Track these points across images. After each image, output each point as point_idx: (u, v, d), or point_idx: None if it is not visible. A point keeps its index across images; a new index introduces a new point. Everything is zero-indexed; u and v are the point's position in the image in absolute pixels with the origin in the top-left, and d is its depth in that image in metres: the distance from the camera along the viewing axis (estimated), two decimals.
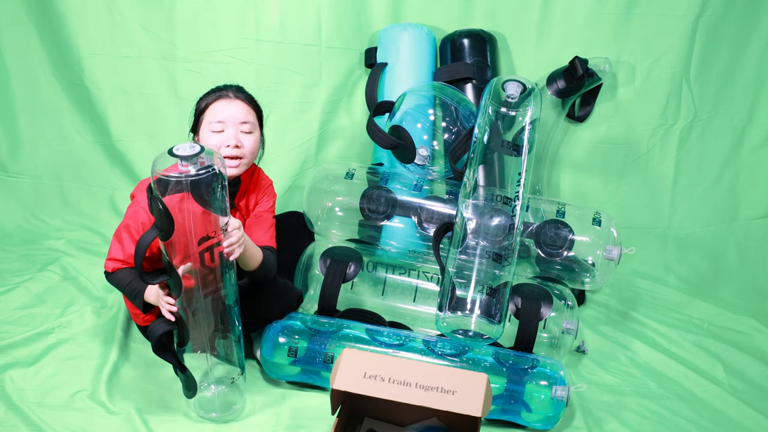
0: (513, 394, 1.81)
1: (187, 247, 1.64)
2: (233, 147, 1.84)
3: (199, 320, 1.72)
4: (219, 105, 1.85)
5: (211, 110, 1.85)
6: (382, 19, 2.53)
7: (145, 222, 1.82)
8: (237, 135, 1.85)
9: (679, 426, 1.90)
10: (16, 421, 1.75)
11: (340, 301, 2.08)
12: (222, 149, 1.83)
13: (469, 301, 1.83)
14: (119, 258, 1.85)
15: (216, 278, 1.69)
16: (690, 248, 2.68)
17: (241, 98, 1.88)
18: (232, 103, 1.86)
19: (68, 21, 2.54)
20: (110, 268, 1.87)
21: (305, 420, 1.83)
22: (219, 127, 1.84)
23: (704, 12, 2.50)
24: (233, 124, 1.84)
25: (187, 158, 1.52)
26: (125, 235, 1.85)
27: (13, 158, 2.75)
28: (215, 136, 1.84)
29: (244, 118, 1.86)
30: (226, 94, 1.87)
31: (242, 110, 1.86)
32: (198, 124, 1.88)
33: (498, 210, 1.90)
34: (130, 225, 1.84)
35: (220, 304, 1.73)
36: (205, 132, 1.85)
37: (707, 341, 2.27)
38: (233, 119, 1.85)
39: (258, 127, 1.91)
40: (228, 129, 1.84)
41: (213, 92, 1.89)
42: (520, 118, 1.93)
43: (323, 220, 2.18)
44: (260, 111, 1.94)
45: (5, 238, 2.63)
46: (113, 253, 1.86)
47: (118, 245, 1.86)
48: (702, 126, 2.63)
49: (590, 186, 2.68)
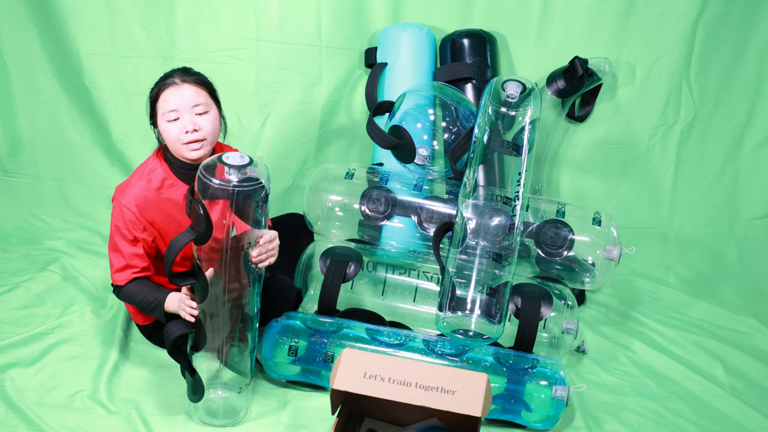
0: (513, 393, 1.81)
1: (211, 253, 1.66)
2: (192, 132, 1.82)
3: (217, 325, 1.73)
4: (168, 94, 1.82)
5: (162, 101, 1.82)
6: (382, 19, 2.53)
7: (133, 219, 1.83)
8: (193, 119, 1.83)
9: (679, 426, 1.90)
10: (16, 421, 1.75)
11: (340, 301, 2.08)
12: (182, 136, 1.82)
13: (469, 301, 1.83)
14: (122, 265, 1.85)
15: (241, 285, 1.71)
16: (690, 248, 2.68)
17: (189, 81, 1.84)
18: (181, 89, 1.82)
19: (68, 21, 2.54)
20: (122, 281, 1.86)
21: (305, 420, 1.83)
22: (173, 115, 1.82)
23: (704, 12, 2.49)
24: (186, 110, 1.82)
25: (236, 168, 1.56)
26: (119, 238, 1.85)
27: (13, 158, 2.75)
28: (172, 125, 1.82)
29: (195, 100, 1.83)
30: (173, 81, 1.83)
31: (192, 93, 1.83)
32: (154, 115, 1.87)
33: (498, 210, 1.90)
34: (120, 226, 1.85)
35: (241, 313, 1.74)
36: (162, 123, 1.84)
37: (707, 341, 2.27)
38: (185, 105, 1.82)
39: (213, 104, 1.88)
40: (183, 116, 1.82)
41: (160, 81, 1.86)
42: (520, 118, 1.93)
43: (323, 220, 2.18)
44: (212, 88, 1.90)
45: (5, 238, 2.63)
46: (116, 264, 1.86)
47: (117, 254, 1.86)
48: (702, 126, 2.63)
49: (590, 186, 2.68)
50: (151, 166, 1.89)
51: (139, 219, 1.84)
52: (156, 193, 1.86)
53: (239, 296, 1.72)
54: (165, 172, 1.88)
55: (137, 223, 1.84)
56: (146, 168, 1.89)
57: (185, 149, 1.83)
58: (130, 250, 1.85)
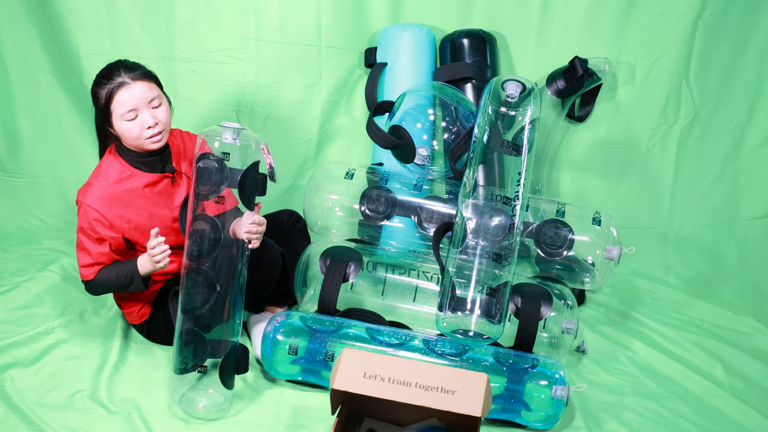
0: (513, 393, 1.81)
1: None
2: (153, 126, 1.85)
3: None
4: (122, 95, 1.82)
5: (118, 102, 1.82)
6: (382, 19, 2.53)
7: (98, 218, 1.85)
8: (151, 113, 1.85)
9: (679, 426, 1.90)
10: (16, 421, 1.75)
11: (340, 300, 2.08)
12: (143, 132, 1.85)
13: (469, 301, 1.83)
14: (89, 262, 1.89)
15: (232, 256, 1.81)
16: (690, 248, 2.68)
17: (138, 77, 1.84)
18: (133, 88, 1.83)
19: (68, 21, 2.54)
20: (91, 275, 1.90)
21: (305, 420, 1.83)
22: (132, 115, 1.83)
23: (704, 12, 2.49)
24: (143, 106, 1.84)
25: (233, 129, 1.76)
26: (84, 238, 1.88)
27: (13, 158, 2.76)
28: (132, 123, 1.84)
29: (149, 96, 1.85)
30: (123, 81, 1.82)
31: (145, 89, 1.84)
32: (108, 117, 1.85)
33: (498, 210, 1.90)
34: (85, 227, 1.87)
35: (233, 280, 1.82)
36: (120, 123, 1.84)
37: (707, 341, 2.27)
38: (142, 102, 1.84)
39: (162, 94, 1.90)
40: (141, 113, 1.84)
41: (106, 82, 1.83)
42: (520, 117, 1.93)
43: (323, 220, 2.18)
44: (156, 78, 1.91)
45: (5, 238, 2.64)
46: (83, 261, 1.89)
47: (83, 252, 1.89)
48: (702, 126, 2.63)
49: (590, 186, 2.68)
50: (106, 163, 1.92)
51: (105, 217, 1.86)
52: (116, 187, 1.89)
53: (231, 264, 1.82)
54: (121, 164, 1.91)
55: (103, 222, 1.86)
56: (102, 167, 1.92)
57: (147, 143, 1.87)
58: (96, 248, 1.88)
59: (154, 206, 1.93)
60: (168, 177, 1.96)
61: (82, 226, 1.87)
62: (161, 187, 1.95)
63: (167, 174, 1.95)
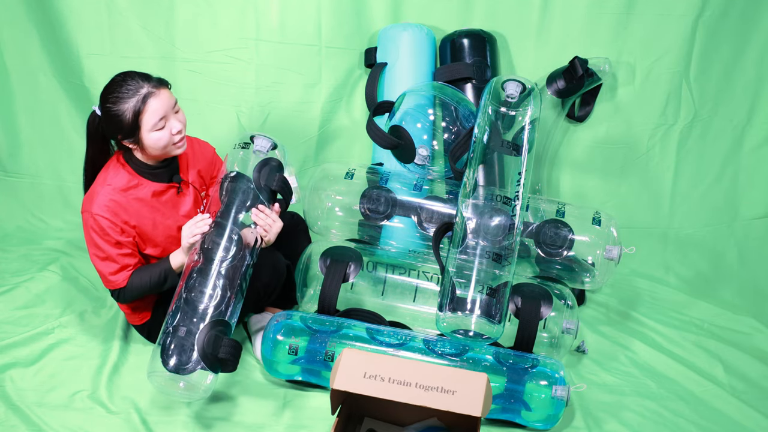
0: (513, 393, 1.81)
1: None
2: (179, 132, 1.86)
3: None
4: (153, 104, 1.79)
5: (149, 113, 1.79)
6: (382, 19, 2.53)
7: (109, 225, 1.83)
8: (177, 119, 1.86)
9: (679, 426, 1.90)
10: (16, 421, 1.75)
11: (340, 301, 2.08)
12: (172, 138, 1.85)
13: (469, 301, 1.83)
14: (116, 269, 1.86)
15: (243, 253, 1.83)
16: (690, 248, 2.68)
17: (159, 85, 1.82)
18: (161, 95, 1.81)
19: (68, 21, 2.54)
20: (122, 281, 1.87)
21: (305, 420, 1.83)
22: (162, 123, 1.82)
23: (704, 12, 2.49)
24: (170, 113, 1.84)
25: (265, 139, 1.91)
26: (104, 244, 1.84)
27: (13, 158, 2.76)
28: (162, 132, 1.83)
29: (172, 101, 1.85)
30: (150, 92, 1.79)
31: (168, 96, 1.84)
32: (135, 131, 1.80)
33: (498, 210, 1.90)
34: (99, 235, 1.83)
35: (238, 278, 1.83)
36: (150, 134, 1.81)
37: (707, 341, 2.27)
38: (169, 109, 1.83)
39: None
40: (169, 120, 1.84)
41: (128, 96, 1.78)
42: (520, 117, 1.93)
43: (323, 220, 2.18)
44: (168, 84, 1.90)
45: (5, 238, 2.64)
46: (108, 270, 1.86)
47: (106, 261, 1.86)
48: (702, 126, 2.63)
49: (590, 186, 2.68)
50: (113, 172, 1.89)
51: (115, 223, 1.84)
52: (123, 195, 1.87)
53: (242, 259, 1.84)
54: (128, 174, 1.89)
55: (114, 227, 1.84)
56: (107, 175, 1.88)
57: (174, 149, 1.87)
58: (118, 252, 1.86)
59: (160, 216, 1.92)
60: (174, 187, 1.95)
61: (96, 235, 1.83)
62: (167, 197, 1.94)
63: (174, 184, 1.95)
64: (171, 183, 1.94)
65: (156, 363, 1.71)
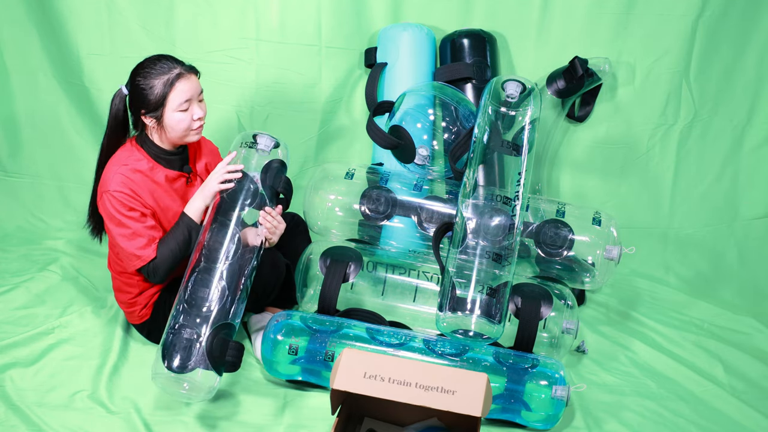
0: (513, 393, 1.81)
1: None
2: (200, 119, 1.90)
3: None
4: (182, 85, 1.86)
5: (177, 92, 1.85)
6: (382, 19, 2.53)
7: (130, 198, 1.84)
8: (200, 106, 1.90)
9: (679, 426, 1.90)
10: (16, 421, 1.75)
11: (340, 301, 2.08)
12: (192, 123, 1.89)
13: (469, 301, 1.83)
14: (144, 243, 1.85)
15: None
16: (690, 248, 2.68)
17: (190, 70, 1.89)
18: (190, 79, 1.88)
19: (68, 21, 2.54)
20: (152, 253, 1.86)
21: (305, 420, 1.83)
22: (186, 105, 1.87)
23: (704, 12, 2.49)
24: (195, 98, 1.89)
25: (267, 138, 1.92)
26: (127, 222, 1.85)
27: (13, 158, 2.75)
28: (185, 114, 1.87)
29: (199, 89, 1.91)
30: (181, 72, 1.86)
31: (197, 82, 1.90)
32: (160, 107, 1.85)
33: (498, 210, 1.90)
34: (120, 211, 1.84)
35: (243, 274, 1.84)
36: (173, 114, 1.86)
37: (707, 341, 2.27)
38: (195, 94, 1.89)
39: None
40: (193, 104, 1.88)
41: (160, 73, 1.85)
42: (520, 117, 1.93)
43: (323, 220, 2.18)
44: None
45: (5, 238, 2.64)
46: (136, 246, 1.85)
47: (134, 238, 1.85)
48: (702, 126, 2.63)
49: (590, 186, 2.68)
50: (128, 153, 1.92)
51: (135, 197, 1.86)
52: (139, 174, 1.89)
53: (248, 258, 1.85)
54: (144, 157, 1.92)
55: (135, 200, 1.86)
56: (122, 156, 1.91)
57: (192, 134, 1.91)
58: (144, 225, 1.87)
59: (169, 200, 1.94)
60: (185, 176, 1.98)
61: (119, 213, 1.84)
62: (178, 185, 1.97)
63: (184, 173, 1.97)
64: (182, 172, 1.97)
65: (159, 364, 1.71)
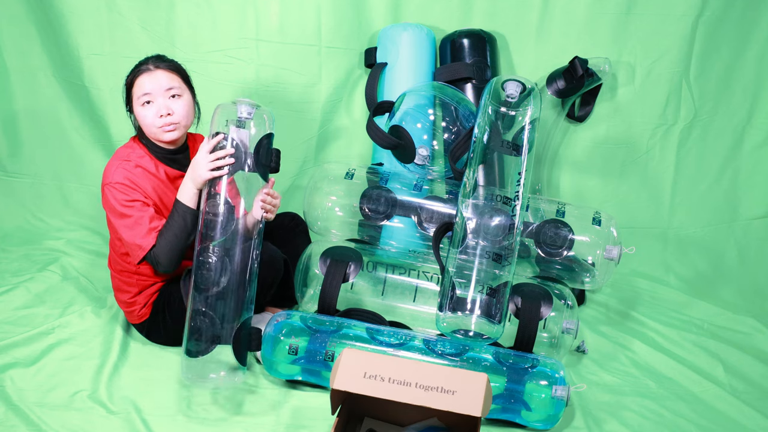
0: (513, 393, 1.81)
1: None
2: (166, 115, 1.90)
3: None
4: (142, 79, 1.91)
5: (137, 86, 1.91)
6: (382, 19, 2.53)
7: (131, 188, 1.86)
8: (166, 103, 1.91)
9: (679, 426, 1.90)
10: (16, 421, 1.75)
11: (340, 300, 2.08)
12: (156, 120, 1.90)
13: (469, 301, 1.83)
14: (145, 232, 1.85)
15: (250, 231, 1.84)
16: (690, 248, 2.68)
17: (162, 67, 1.93)
18: (154, 74, 1.91)
19: (68, 21, 2.54)
20: (152, 240, 1.85)
21: (305, 420, 1.83)
22: (146, 98, 1.90)
23: (704, 12, 2.50)
24: (160, 94, 1.90)
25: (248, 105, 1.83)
26: (130, 212, 1.86)
27: (13, 158, 2.76)
28: (146, 108, 1.91)
29: (168, 84, 1.91)
30: (147, 68, 1.92)
31: (165, 78, 1.92)
32: (129, 101, 1.95)
33: (498, 210, 1.90)
34: (124, 202, 1.85)
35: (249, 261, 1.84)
36: (137, 107, 1.92)
37: (707, 341, 2.27)
38: (158, 89, 1.90)
39: (187, 89, 1.97)
40: (156, 99, 1.90)
41: (135, 68, 1.94)
42: (520, 117, 1.93)
43: (323, 220, 2.18)
44: (185, 74, 1.99)
45: (5, 238, 2.64)
46: (139, 234, 1.85)
47: (136, 226, 1.85)
48: (702, 126, 2.63)
49: (590, 186, 2.68)
50: (129, 150, 1.96)
51: (135, 187, 1.88)
52: (142, 169, 1.92)
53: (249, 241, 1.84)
54: (146, 154, 1.96)
55: (136, 191, 1.88)
56: (123, 152, 1.95)
57: (160, 132, 1.92)
58: (145, 214, 1.87)
59: (170, 192, 1.96)
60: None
61: (119, 203, 1.86)
62: (179, 184, 1.95)
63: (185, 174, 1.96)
64: (183, 172, 1.96)
65: (187, 359, 1.78)
